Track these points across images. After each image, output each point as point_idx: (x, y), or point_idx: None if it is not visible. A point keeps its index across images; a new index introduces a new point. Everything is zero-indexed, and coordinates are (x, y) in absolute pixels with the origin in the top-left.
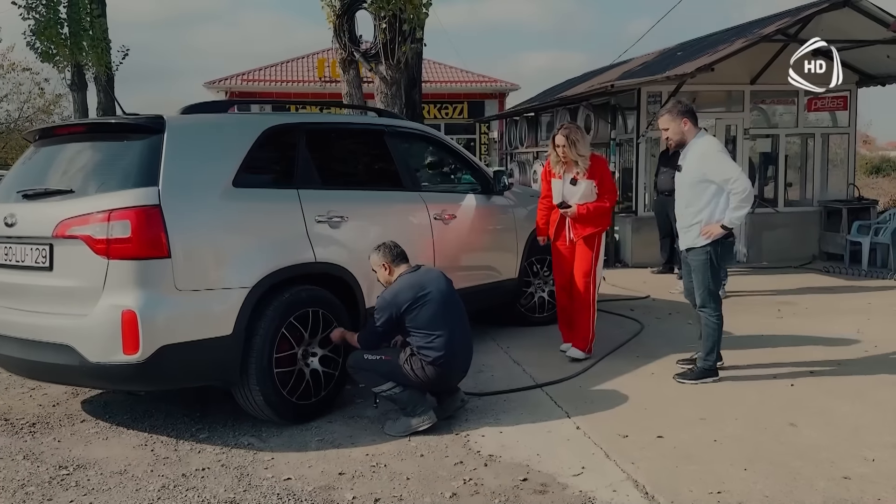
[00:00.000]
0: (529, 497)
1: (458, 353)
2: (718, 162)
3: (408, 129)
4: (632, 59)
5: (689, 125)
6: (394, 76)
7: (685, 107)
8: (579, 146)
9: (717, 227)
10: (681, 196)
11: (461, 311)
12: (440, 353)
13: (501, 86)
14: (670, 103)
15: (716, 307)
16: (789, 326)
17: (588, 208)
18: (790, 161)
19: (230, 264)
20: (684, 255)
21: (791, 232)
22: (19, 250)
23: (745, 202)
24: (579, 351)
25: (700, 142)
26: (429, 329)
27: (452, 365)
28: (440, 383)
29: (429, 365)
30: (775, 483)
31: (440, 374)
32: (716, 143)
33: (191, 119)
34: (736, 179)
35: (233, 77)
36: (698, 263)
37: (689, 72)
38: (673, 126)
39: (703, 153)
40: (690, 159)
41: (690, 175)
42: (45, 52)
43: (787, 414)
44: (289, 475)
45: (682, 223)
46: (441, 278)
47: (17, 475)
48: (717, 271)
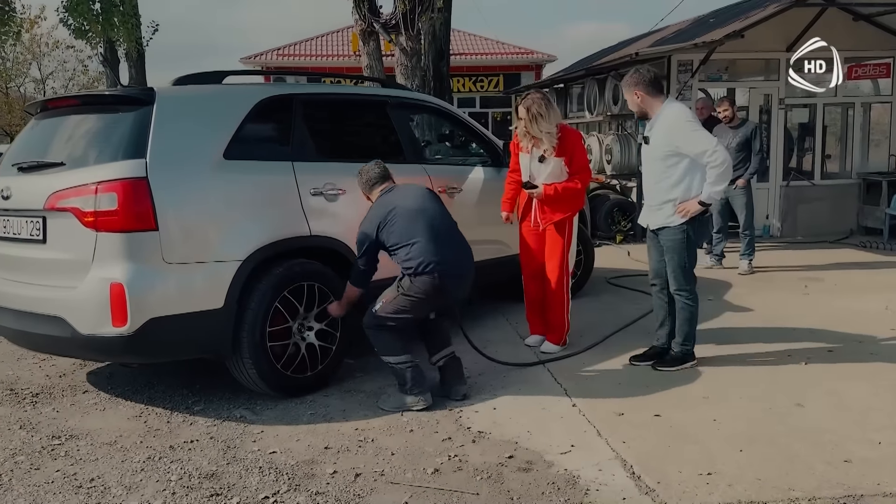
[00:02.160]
0: (512, 475)
1: (446, 256)
2: (689, 133)
3: (414, 101)
4: (666, 27)
5: (643, 96)
6: (414, 47)
7: (640, 76)
8: (542, 122)
9: (695, 203)
10: (649, 171)
11: (438, 214)
12: (421, 260)
13: (538, 57)
14: (628, 73)
15: (691, 288)
16: (814, 303)
17: (556, 189)
18: (828, 132)
19: (221, 237)
20: (651, 233)
21: (828, 205)
22: (16, 223)
23: (724, 176)
24: (553, 345)
25: (668, 112)
26: (404, 240)
27: (442, 270)
28: (442, 295)
29: (417, 277)
30: (771, 465)
31: (434, 284)
32: (685, 112)
33: (182, 90)
34: (713, 151)
35: (268, 52)
36: (673, 244)
37: (717, 39)
38: (629, 97)
39: (671, 124)
40: (658, 130)
41: (660, 148)
42: (78, 29)
43: (796, 394)
44: (275, 448)
45: (652, 200)
46: (410, 189)
47: (10, 444)
48: (694, 250)
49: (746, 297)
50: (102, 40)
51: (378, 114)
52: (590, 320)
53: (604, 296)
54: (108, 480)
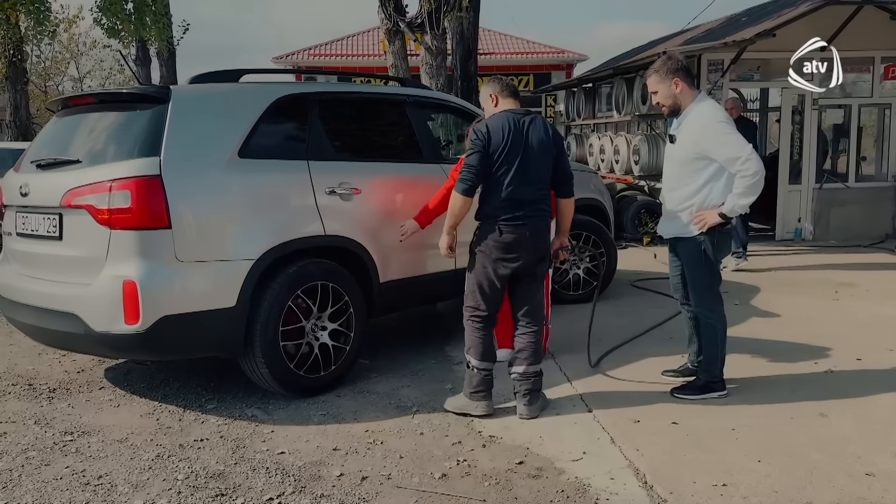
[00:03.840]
0: (521, 481)
1: (523, 204)
2: (722, 135)
3: (434, 100)
4: (697, 26)
5: (683, 86)
6: (439, 46)
7: (677, 63)
8: None
9: (714, 214)
10: (671, 174)
11: (543, 163)
12: (500, 196)
13: (569, 56)
14: (659, 60)
15: (716, 308)
16: (843, 309)
17: None
18: (864, 133)
19: (234, 236)
20: (670, 244)
21: (862, 209)
22: (34, 220)
23: (755, 188)
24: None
25: (700, 108)
26: (498, 170)
27: (511, 215)
28: (511, 247)
29: (485, 223)
30: (789, 477)
31: (502, 235)
32: (718, 112)
33: (197, 89)
34: (746, 159)
35: (300, 52)
36: (690, 257)
37: (747, 38)
38: (662, 88)
39: (703, 124)
40: (687, 130)
41: (685, 149)
42: (111, 28)
43: (819, 403)
44: (283, 449)
45: (669, 206)
46: (541, 127)
47: (23, 439)
48: (715, 265)
49: (774, 302)
50: (134, 39)
51: (396, 113)
52: (610, 324)
53: (626, 299)
54: (116, 478)
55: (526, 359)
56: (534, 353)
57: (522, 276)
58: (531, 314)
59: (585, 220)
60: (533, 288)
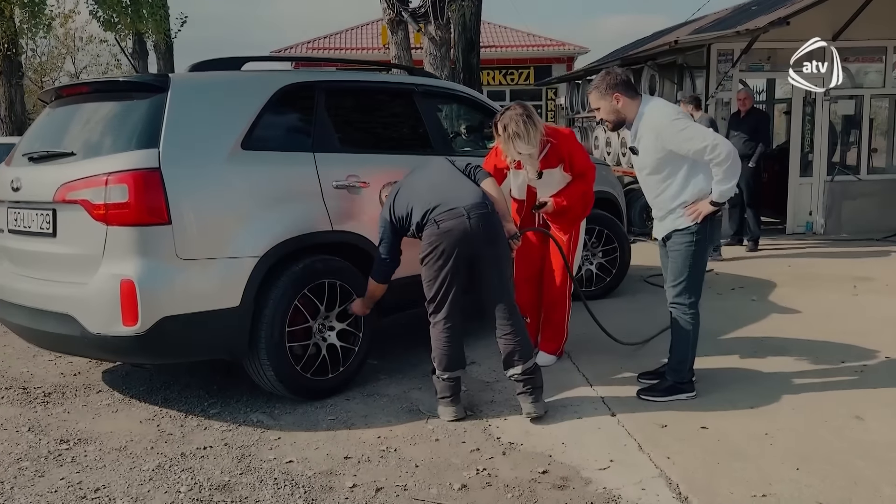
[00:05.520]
0: (546, 492)
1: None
2: (679, 132)
3: (442, 89)
4: (704, 17)
5: (624, 100)
6: (443, 36)
7: (616, 78)
8: (519, 142)
9: (706, 204)
10: (647, 184)
11: (435, 169)
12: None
13: (570, 49)
14: (598, 76)
15: (692, 302)
16: (865, 304)
17: (569, 196)
18: (876, 125)
19: (237, 232)
20: (661, 244)
21: (875, 201)
22: (26, 215)
23: (733, 170)
24: (548, 355)
25: (649, 113)
26: (404, 209)
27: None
28: (447, 240)
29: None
30: (832, 486)
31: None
32: (668, 109)
33: (197, 77)
34: (713, 146)
35: (299, 45)
36: (684, 247)
37: (760, 26)
38: (603, 104)
39: (659, 128)
40: (644, 137)
41: (650, 156)
42: (108, 21)
43: (853, 405)
44: (292, 457)
45: (660, 210)
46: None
47: (16, 448)
48: (703, 257)
49: (793, 298)
50: (131, 33)
51: (405, 102)
52: (627, 322)
53: (640, 295)
54: (114, 490)
55: (518, 360)
56: (523, 351)
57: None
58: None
59: (598, 213)
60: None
